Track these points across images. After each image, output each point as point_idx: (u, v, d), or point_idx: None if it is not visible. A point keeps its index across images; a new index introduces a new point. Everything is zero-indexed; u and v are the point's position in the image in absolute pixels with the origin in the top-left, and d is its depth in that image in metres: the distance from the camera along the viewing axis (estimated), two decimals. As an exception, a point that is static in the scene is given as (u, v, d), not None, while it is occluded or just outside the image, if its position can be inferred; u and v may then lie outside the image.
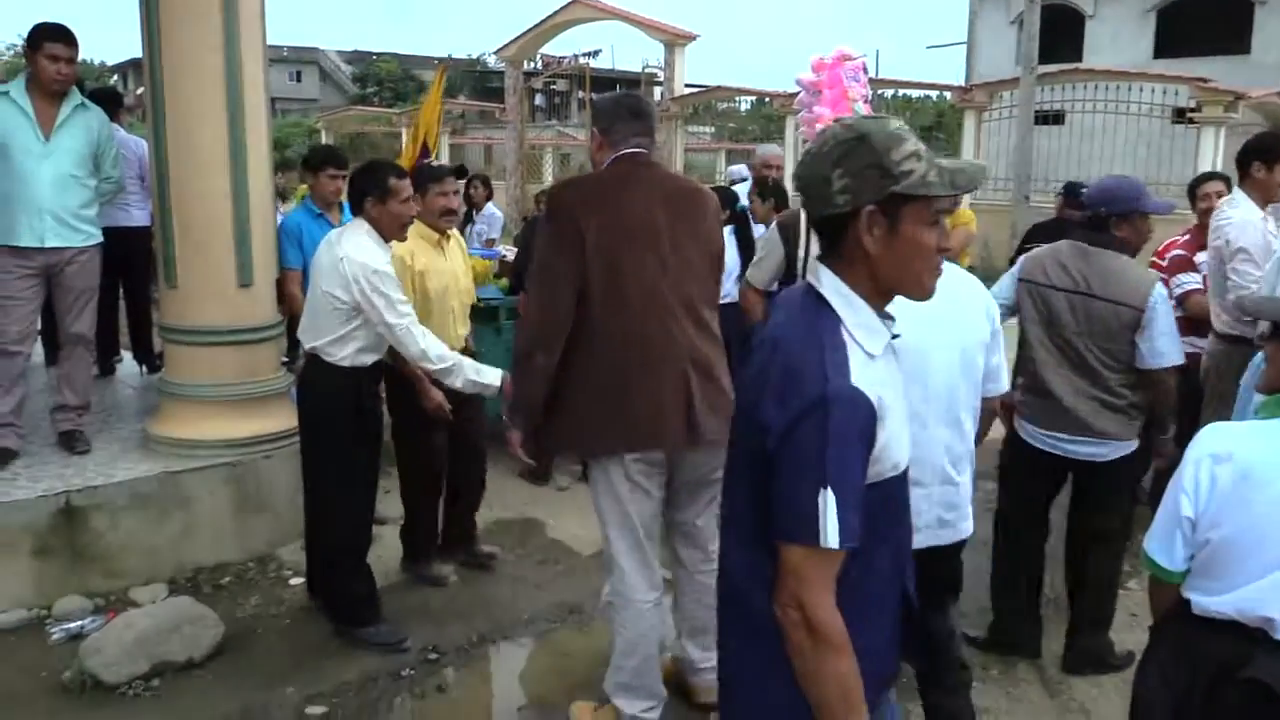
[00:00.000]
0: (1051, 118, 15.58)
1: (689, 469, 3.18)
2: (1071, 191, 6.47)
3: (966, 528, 2.84)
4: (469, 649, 3.90)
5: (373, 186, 3.66)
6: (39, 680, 3.58)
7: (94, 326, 4.73)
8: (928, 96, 24.42)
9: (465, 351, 4.17)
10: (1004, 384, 2.97)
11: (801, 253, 4.22)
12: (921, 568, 2.21)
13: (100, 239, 4.66)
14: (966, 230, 6.33)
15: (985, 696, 3.51)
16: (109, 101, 6.25)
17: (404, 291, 3.75)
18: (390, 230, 3.71)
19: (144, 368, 6.29)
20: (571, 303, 2.99)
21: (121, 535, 4.21)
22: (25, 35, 4.59)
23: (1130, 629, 3.92)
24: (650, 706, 3.21)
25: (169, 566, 4.33)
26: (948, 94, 18.87)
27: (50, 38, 4.40)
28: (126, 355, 6.47)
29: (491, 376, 3.70)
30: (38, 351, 5.27)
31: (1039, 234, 6.38)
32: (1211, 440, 2.07)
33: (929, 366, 2.63)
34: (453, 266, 4.34)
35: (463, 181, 5.65)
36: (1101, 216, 3.56)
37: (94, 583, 4.15)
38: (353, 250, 3.59)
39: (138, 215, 6.05)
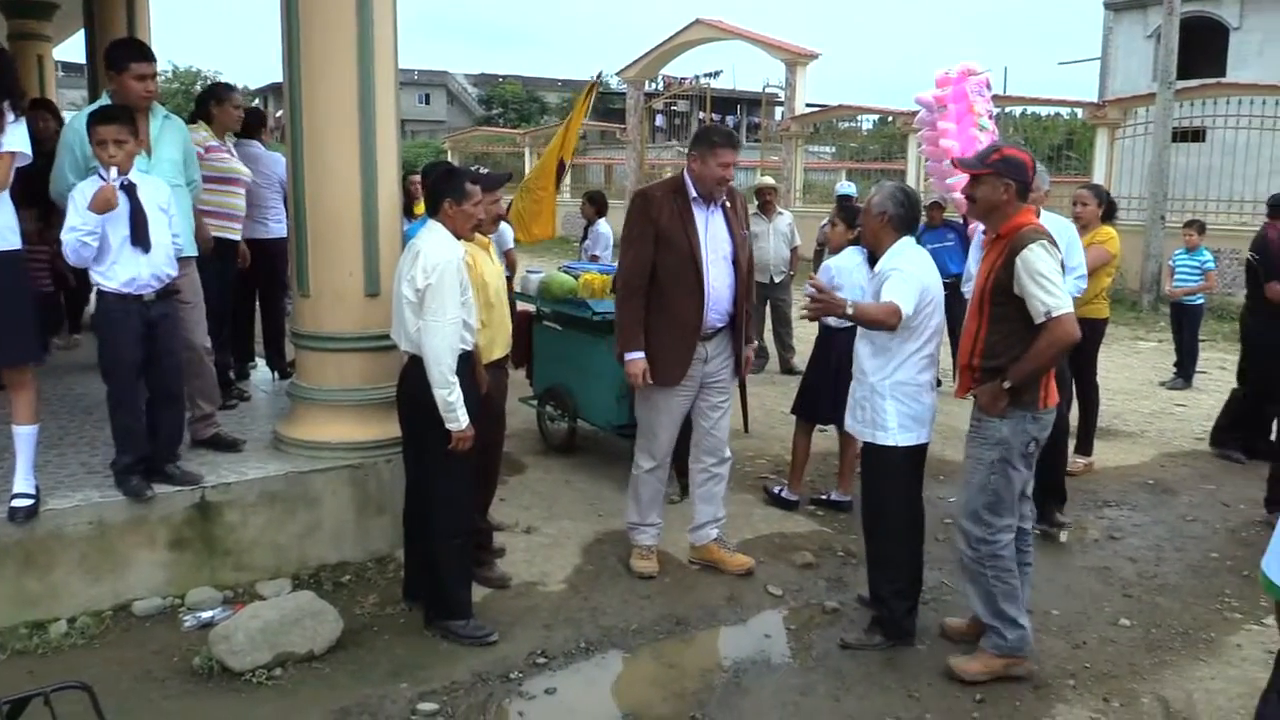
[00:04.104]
0: (1190, 135, 14.93)
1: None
2: None
3: None
4: (576, 655, 3.96)
5: (452, 190, 3.97)
6: (171, 664, 3.78)
7: (207, 335, 4.88)
8: (1058, 113, 23.72)
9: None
10: None
11: None
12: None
13: (196, 251, 4.81)
14: (1101, 248, 5.94)
15: None
16: (252, 122, 6.62)
17: (467, 292, 3.89)
18: (463, 230, 4.00)
19: (276, 374, 6.56)
20: None
21: (251, 531, 4.42)
22: (106, 55, 4.55)
23: (1266, 665, 3.72)
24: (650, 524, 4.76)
25: (294, 563, 4.52)
26: (1079, 111, 18.28)
27: (135, 57, 4.47)
28: (260, 362, 6.78)
29: (463, 418, 3.83)
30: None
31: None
32: None
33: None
34: (500, 270, 4.50)
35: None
36: None
37: (224, 575, 4.36)
38: (431, 245, 3.85)
39: (275, 229, 6.34)
